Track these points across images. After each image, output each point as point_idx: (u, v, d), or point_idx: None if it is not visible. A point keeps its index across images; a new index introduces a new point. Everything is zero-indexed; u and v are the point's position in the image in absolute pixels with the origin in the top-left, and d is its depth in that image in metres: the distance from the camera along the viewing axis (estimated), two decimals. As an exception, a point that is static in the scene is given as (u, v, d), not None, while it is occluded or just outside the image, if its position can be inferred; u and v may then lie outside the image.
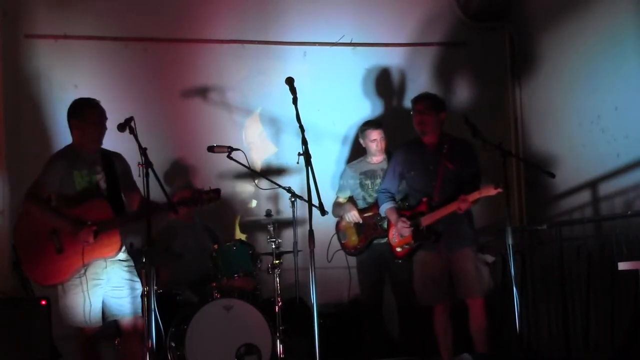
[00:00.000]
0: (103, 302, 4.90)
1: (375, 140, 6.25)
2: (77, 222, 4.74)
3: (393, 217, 5.63)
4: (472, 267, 5.39)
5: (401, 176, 5.68)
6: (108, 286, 4.89)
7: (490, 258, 5.58)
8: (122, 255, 4.92)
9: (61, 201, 4.90)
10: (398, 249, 5.64)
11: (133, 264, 4.97)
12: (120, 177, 4.90)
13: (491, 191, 5.19)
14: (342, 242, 6.35)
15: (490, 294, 5.58)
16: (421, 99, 5.62)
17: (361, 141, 6.39)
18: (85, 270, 4.80)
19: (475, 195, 5.25)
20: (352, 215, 6.20)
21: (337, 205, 6.38)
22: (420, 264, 5.54)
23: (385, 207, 5.71)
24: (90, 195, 4.83)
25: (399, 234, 5.59)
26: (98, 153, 4.90)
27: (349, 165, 6.50)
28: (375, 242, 6.15)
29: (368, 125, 6.36)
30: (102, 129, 4.88)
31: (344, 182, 6.42)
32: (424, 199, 5.46)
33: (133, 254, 5.14)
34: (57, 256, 4.75)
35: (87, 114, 4.91)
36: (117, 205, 4.81)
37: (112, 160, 4.80)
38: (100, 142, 4.95)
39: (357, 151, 6.61)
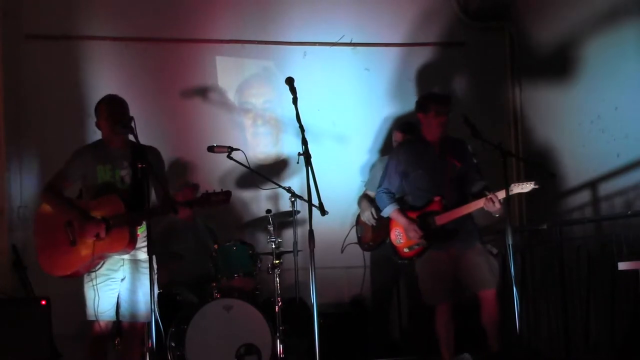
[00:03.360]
0: (119, 301, 4.88)
1: (397, 141, 6.25)
2: (85, 216, 4.74)
3: (401, 220, 5.44)
4: (483, 259, 5.32)
5: (403, 175, 5.52)
6: (124, 285, 4.87)
7: (494, 250, 5.54)
8: (143, 256, 4.88)
9: (85, 194, 4.92)
10: (406, 250, 5.48)
11: (155, 267, 4.74)
12: (149, 171, 4.80)
13: (527, 187, 5.06)
14: (359, 235, 6.36)
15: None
16: (445, 101, 5.47)
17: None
18: (102, 265, 4.81)
19: (503, 193, 5.07)
20: (367, 216, 6.20)
21: (363, 197, 6.36)
22: (427, 262, 5.43)
23: (391, 209, 5.51)
24: (108, 189, 4.82)
25: (405, 235, 5.47)
26: (128, 147, 4.86)
27: (380, 159, 6.49)
28: (388, 241, 6.14)
29: (398, 125, 6.37)
30: (113, 123, 4.82)
31: (372, 175, 6.39)
32: (436, 198, 5.34)
33: None
34: (70, 248, 4.75)
35: (100, 109, 4.92)
36: (136, 201, 4.77)
37: (144, 155, 4.71)
38: (120, 136, 4.83)
39: (389, 144, 6.61)
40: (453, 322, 5.43)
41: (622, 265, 4.78)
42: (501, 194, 5.09)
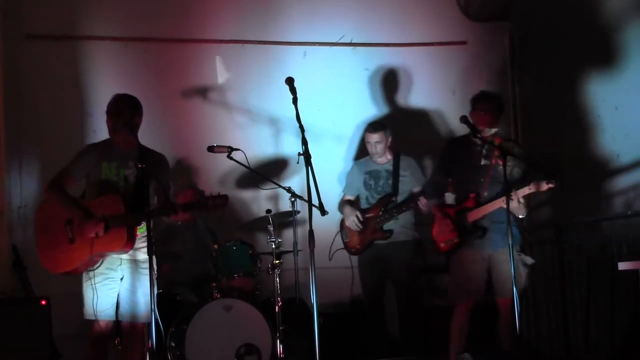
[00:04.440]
0: (118, 301, 4.88)
1: (369, 143, 6.21)
2: (86, 214, 4.74)
3: (438, 214, 5.58)
4: (508, 268, 5.20)
5: (448, 170, 5.61)
6: (123, 285, 4.87)
7: (530, 260, 5.49)
8: (142, 256, 4.88)
9: (88, 192, 4.92)
10: (442, 244, 5.55)
11: (155, 267, 4.67)
12: (153, 177, 4.82)
13: (543, 186, 5.10)
14: (345, 240, 6.34)
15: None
16: (493, 100, 5.53)
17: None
18: (101, 264, 4.81)
19: (525, 191, 5.15)
20: (352, 221, 6.18)
21: (343, 203, 6.36)
22: (459, 261, 5.46)
23: (431, 203, 5.71)
24: (111, 188, 4.82)
25: (442, 230, 5.53)
26: (135, 149, 4.85)
27: (356, 163, 6.48)
28: (375, 242, 6.14)
29: (367, 127, 6.33)
30: (115, 120, 4.82)
31: (350, 179, 6.40)
32: (472, 195, 5.40)
33: None
34: (69, 246, 4.75)
35: (107, 107, 4.93)
36: (137, 201, 4.78)
37: (145, 157, 4.69)
38: (123, 134, 4.83)
39: (365, 148, 6.57)
40: (468, 325, 5.42)
41: (622, 265, 4.79)
42: (521, 192, 5.14)
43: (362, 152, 6.68)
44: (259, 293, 5.94)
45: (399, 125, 6.92)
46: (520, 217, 5.32)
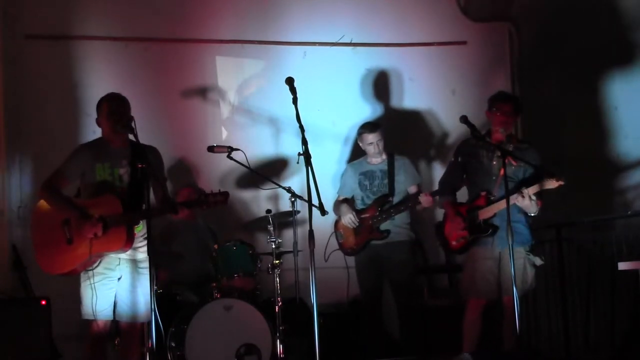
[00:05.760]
0: (116, 300, 4.88)
1: (372, 143, 6.19)
2: (83, 215, 4.73)
3: (449, 212, 5.59)
4: (519, 266, 5.28)
5: (463, 168, 5.62)
6: (121, 285, 4.86)
7: (539, 261, 5.49)
8: (141, 255, 4.88)
9: (83, 192, 4.91)
10: (454, 242, 5.56)
11: (154, 267, 4.68)
12: (149, 172, 4.78)
13: (552, 183, 5.11)
14: (340, 241, 6.32)
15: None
16: (509, 100, 5.53)
17: (360, 144, 6.34)
18: (99, 264, 4.80)
19: (535, 188, 5.16)
20: (349, 219, 6.17)
21: (337, 204, 6.37)
22: (471, 258, 5.48)
23: (442, 200, 5.70)
24: (106, 189, 4.81)
25: (453, 228, 5.53)
26: (128, 147, 4.85)
27: (350, 165, 6.48)
28: (372, 242, 6.13)
29: (364, 128, 6.29)
30: (115, 121, 4.81)
31: (344, 181, 6.41)
32: (483, 193, 5.41)
33: None
34: (67, 246, 4.73)
35: (102, 107, 4.91)
36: (134, 201, 4.77)
37: (144, 155, 4.69)
38: (120, 134, 4.82)
39: (358, 151, 6.59)
40: (481, 324, 5.41)
41: (622, 265, 4.79)
42: (532, 189, 5.15)
43: (356, 154, 6.68)
44: (259, 293, 5.94)
45: (398, 125, 6.94)
46: (532, 214, 5.31)
